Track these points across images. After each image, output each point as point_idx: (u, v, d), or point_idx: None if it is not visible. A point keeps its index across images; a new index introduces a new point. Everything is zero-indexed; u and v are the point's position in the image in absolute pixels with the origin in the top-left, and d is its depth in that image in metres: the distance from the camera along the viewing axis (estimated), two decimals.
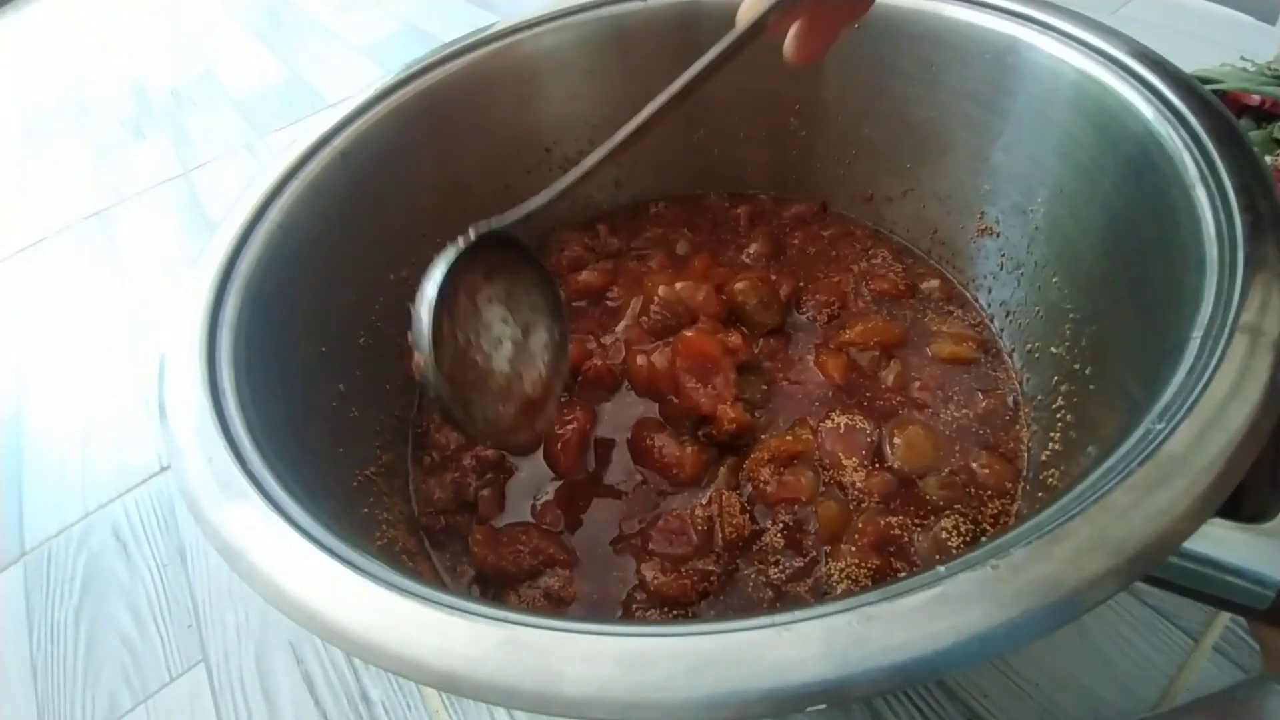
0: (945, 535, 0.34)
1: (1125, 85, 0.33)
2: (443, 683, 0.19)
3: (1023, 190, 0.41)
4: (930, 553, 0.34)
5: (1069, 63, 0.36)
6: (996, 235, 0.44)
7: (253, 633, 0.45)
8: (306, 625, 0.21)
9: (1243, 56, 0.59)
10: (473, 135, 0.48)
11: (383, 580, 0.22)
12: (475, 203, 0.50)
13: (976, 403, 0.40)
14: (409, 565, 0.36)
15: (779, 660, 0.18)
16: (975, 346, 0.43)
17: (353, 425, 0.39)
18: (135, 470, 0.56)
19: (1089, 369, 0.35)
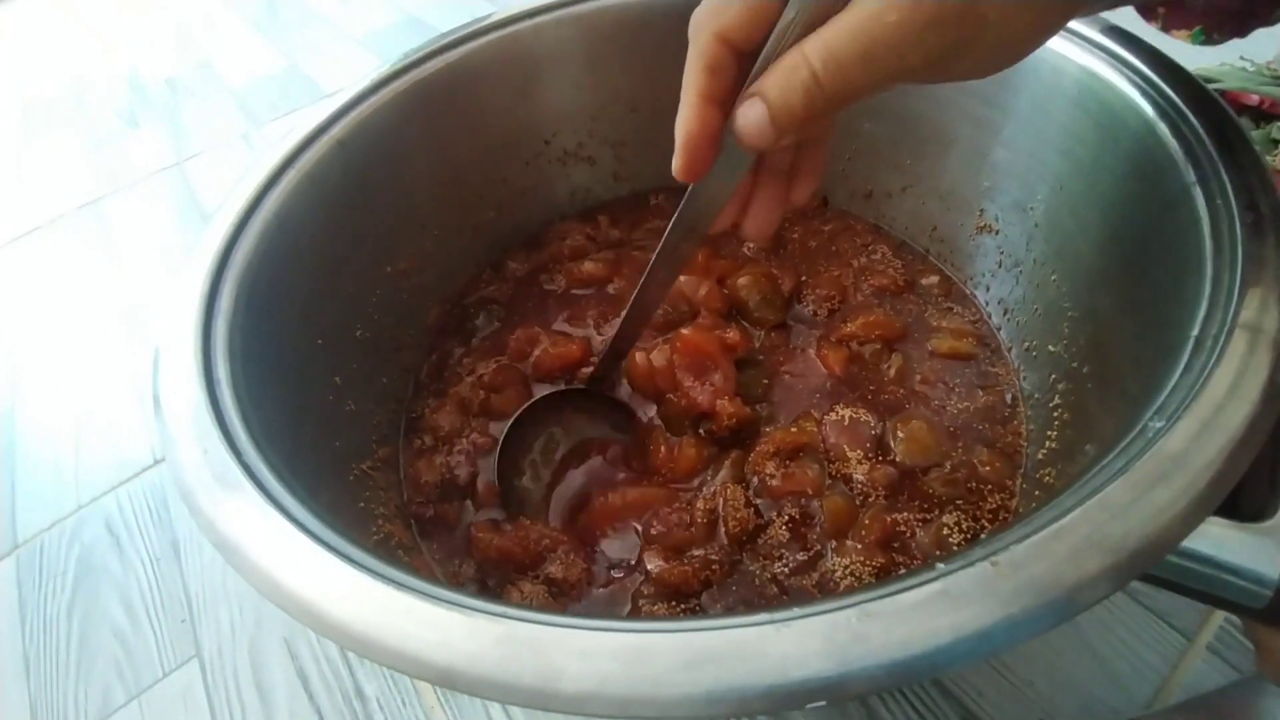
0: (947, 531, 0.34)
1: (1127, 83, 0.33)
2: (441, 678, 0.19)
3: (1022, 187, 0.41)
4: (932, 548, 0.34)
5: (1071, 59, 0.35)
6: (996, 232, 0.44)
7: (247, 628, 0.45)
8: (303, 620, 0.21)
9: (1242, 56, 0.59)
10: (471, 126, 0.48)
11: (380, 575, 0.22)
12: (473, 194, 0.50)
13: (976, 398, 0.40)
14: (405, 560, 0.35)
15: (779, 656, 0.18)
16: (974, 342, 0.43)
17: (349, 418, 0.39)
18: (128, 463, 0.56)
19: (1087, 367, 0.35)
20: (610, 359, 0.40)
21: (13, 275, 0.78)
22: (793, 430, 0.39)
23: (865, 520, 0.35)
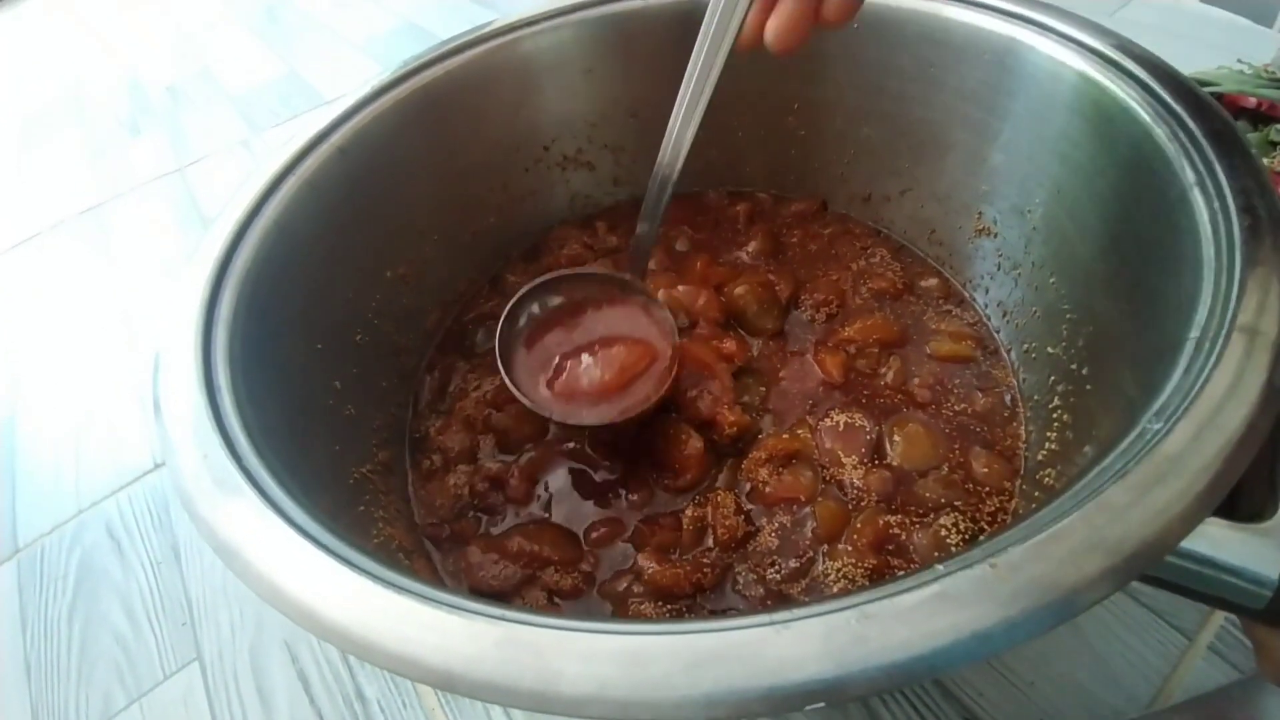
0: (945, 533, 0.35)
1: (1123, 87, 0.33)
2: (441, 681, 0.19)
3: (1020, 191, 0.41)
4: (930, 550, 0.34)
5: (1068, 64, 0.36)
6: (994, 235, 0.44)
7: (247, 631, 0.45)
8: (303, 623, 0.21)
9: (1240, 59, 0.59)
10: (470, 133, 0.48)
11: (380, 578, 0.22)
12: (473, 200, 0.50)
13: (975, 401, 0.40)
14: (405, 563, 0.35)
15: (778, 658, 0.18)
16: (973, 345, 0.43)
17: (349, 423, 0.39)
18: (129, 467, 0.56)
19: (1086, 369, 0.35)
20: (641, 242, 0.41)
21: (13, 281, 0.78)
22: (785, 436, 0.39)
23: (858, 524, 0.35)
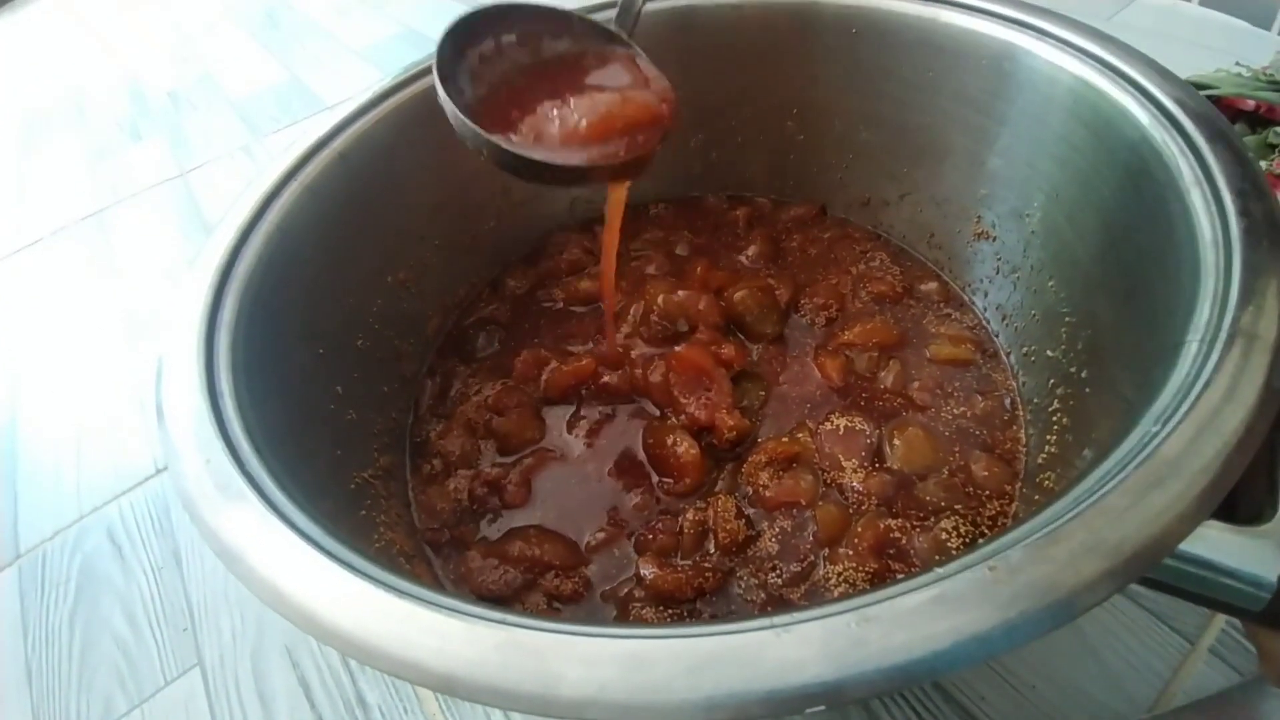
0: (945, 536, 0.35)
1: (1121, 91, 0.33)
2: (442, 685, 0.19)
3: (1019, 195, 0.41)
4: (931, 554, 0.34)
5: (1065, 69, 0.36)
6: (993, 239, 0.44)
7: (248, 636, 0.45)
8: (305, 628, 0.21)
9: (1238, 62, 0.59)
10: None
11: (381, 583, 0.22)
12: (473, 205, 0.50)
13: (975, 404, 0.40)
14: (406, 568, 0.36)
15: (778, 662, 0.18)
16: (973, 348, 0.43)
17: (350, 428, 0.39)
18: (130, 473, 0.56)
19: (1085, 372, 0.35)
20: None
21: (15, 287, 0.78)
22: (784, 440, 0.39)
23: (858, 528, 0.35)
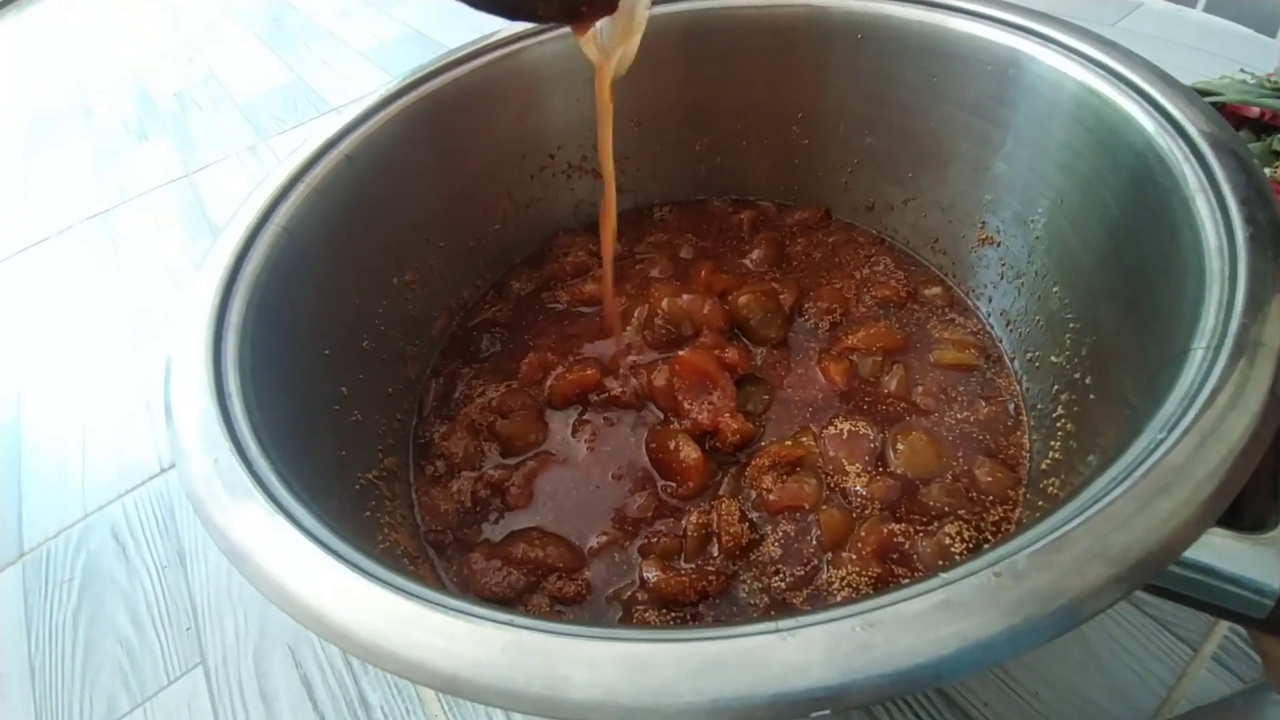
0: (949, 541, 0.35)
1: (1125, 98, 0.33)
2: (448, 685, 0.19)
3: (1023, 200, 0.41)
4: (934, 559, 0.34)
5: (1070, 75, 0.36)
6: (997, 244, 0.44)
7: (251, 636, 0.45)
8: (313, 627, 0.21)
9: (1243, 69, 0.59)
10: (477, 141, 0.49)
11: (388, 583, 0.22)
12: (479, 208, 0.51)
13: (979, 409, 0.41)
14: (410, 569, 0.36)
15: (783, 665, 0.18)
16: (977, 353, 0.43)
17: (355, 429, 0.39)
18: (134, 472, 0.56)
19: (1089, 378, 0.35)
20: None
21: (21, 286, 0.78)
22: (788, 443, 0.39)
23: (861, 532, 0.35)
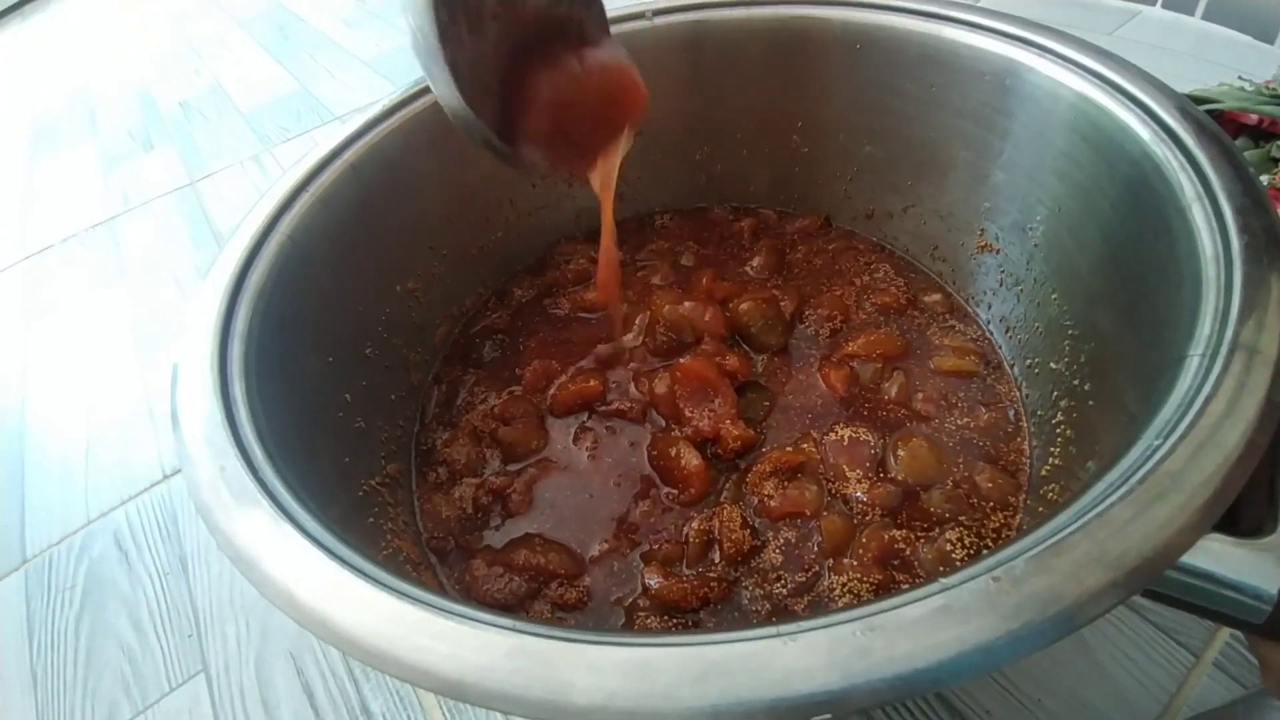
0: (950, 547, 0.35)
1: (1122, 108, 0.34)
2: (452, 690, 0.19)
3: (1022, 208, 0.42)
4: (935, 565, 0.34)
5: (1067, 85, 0.36)
6: (996, 252, 0.44)
7: (253, 643, 0.45)
8: (318, 633, 0.21)
9: (1240, 76, 0.60)
10: (479, 150, 0.49)
11: (393, 589, 0.22)
12: (481, 216, 0.51)
13: (979, 415, 0.41)
14: (413, 575, 0.36)
15: (784, 670, 0.18)
16: (977, 360, 0.43)
17: (359, 435, 0.40)
18: (137, 478, 0.56)
19: (1088, 385, 0.35)
20: None
21: (26, 293, 0.79)
22: (789, 449, 0.39)
23: (863, 538, 0.36)
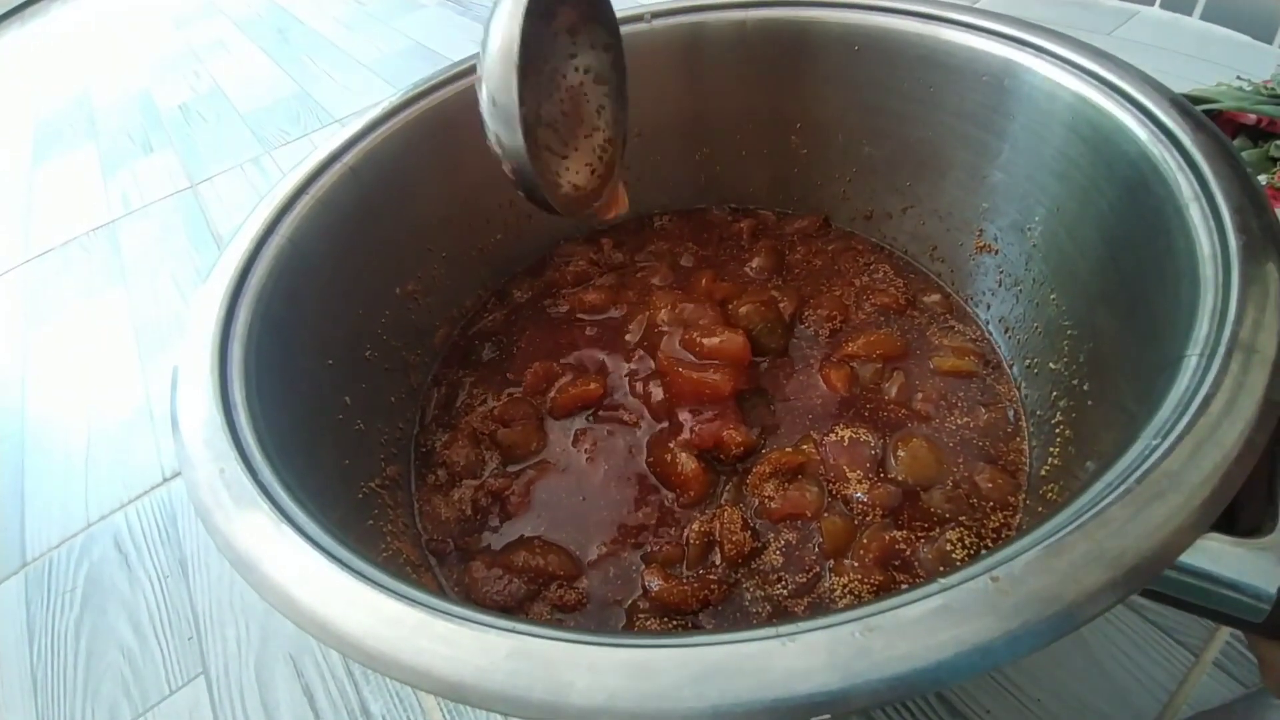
0: (950, 548, 0.35)
1: (1119, 108, 0.34)
2: (452, 692, 0.19)
3: (1020, 209, 0.42)
4: (936, 566, 0.34)
5: (1064, 86, 0.36)
6: (995, 252, 0.44)
7: (253, 645, 0.45)
8: (319, 635, 0.21)
9: (1239, 75, 0.60)
10: (479, 152, 0.48)
11: (393, 591, 0.22)
12: (480, 218, 0.51)
13: (979, 415, 0.41)
14: (413, 578, 0.36)
15: (784, 670, 0.18)
16: (976, 360, 0.43)
17: (358, 438, 0.40)
18: (137, 481, 0.57)
19: (1087, 385, 0.35)
20: None
21: (26, 297, 0.79)
22: (788, 450, 0.39)
23: (863, 539, 0.36)
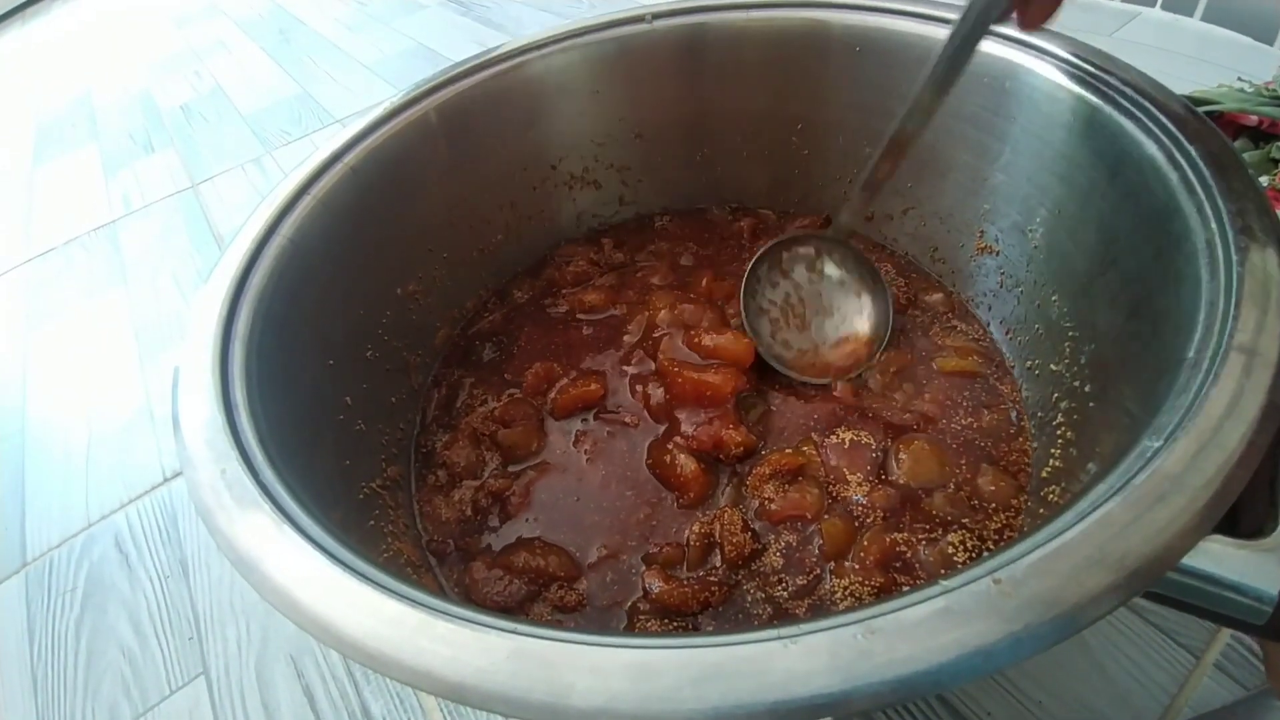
0: (952, 550, 0.35)
1: (1120, 110, 0.34)
2: (453, 693, 0.19)
3: (1021, 210, 0.42)
4: (937, 568, 0.34)
5: (1065, 88, 0.36)
6: (996, 254, 0.44)
7: (253, 645, 0.45)
8: (319, 636, 0.21)
9: (1240, 77, 0.60)
10: (480, 153, 0.49)
11: (393, 591, 0.22)
12: (481, 218, 0.51)
13: (981, 416, 0.41)
14: (414, 578, 0.36)
15: (785, 672, 0.18)
16: (980, 360, 0.43)
17: (359, 438, 0.40)
18: (138, 481, 0.57)
19: (1089, 386, 0.35)
20: (862, 196, 0.42)
21: (27, 296, 0.79)
22: (789, 451, 0.39)
23: (864, 541, 0.36)
